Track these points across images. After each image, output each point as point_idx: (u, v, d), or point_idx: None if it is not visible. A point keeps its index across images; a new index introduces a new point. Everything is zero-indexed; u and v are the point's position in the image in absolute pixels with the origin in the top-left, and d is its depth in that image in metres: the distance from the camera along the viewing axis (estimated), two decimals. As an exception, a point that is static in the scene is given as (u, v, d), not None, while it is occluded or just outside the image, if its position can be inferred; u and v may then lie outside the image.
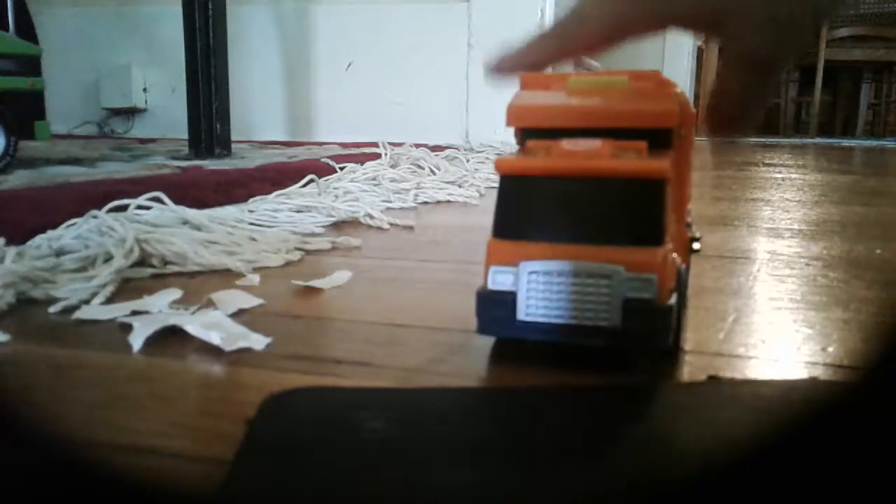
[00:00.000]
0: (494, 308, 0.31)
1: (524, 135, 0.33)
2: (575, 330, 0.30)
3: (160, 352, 0.33)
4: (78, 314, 0.39)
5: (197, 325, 0.35)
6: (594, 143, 0.30)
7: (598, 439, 0.24)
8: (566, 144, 0.30)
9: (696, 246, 0.39)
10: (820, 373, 0.31)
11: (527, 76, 0.33)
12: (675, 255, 0.31)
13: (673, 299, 0.30)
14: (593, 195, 0.30)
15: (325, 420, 0.26)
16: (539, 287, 0.30)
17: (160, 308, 0.39)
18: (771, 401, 0.28)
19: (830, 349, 0.34)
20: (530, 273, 0.30)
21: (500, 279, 0.31)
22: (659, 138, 0.30)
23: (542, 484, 0.21)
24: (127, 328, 0.36)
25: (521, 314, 0.30)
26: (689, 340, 0.35)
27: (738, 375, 0.31)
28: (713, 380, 0.30)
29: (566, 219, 0.30)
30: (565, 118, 0.31)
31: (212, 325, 0.35)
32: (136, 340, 0.34)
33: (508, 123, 0.32)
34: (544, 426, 0.26)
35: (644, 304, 0.29)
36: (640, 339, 0.29)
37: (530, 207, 0.31)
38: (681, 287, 0.32)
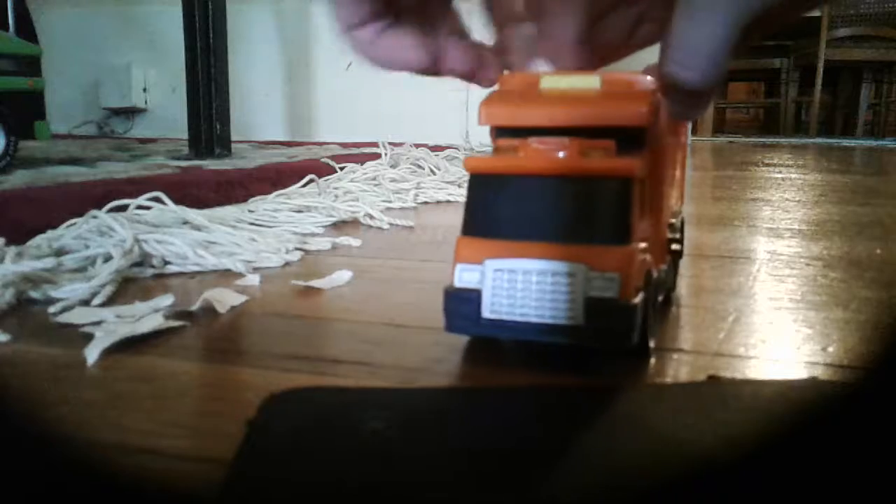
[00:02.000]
0: (460, 305, 0.31)
1: (497, 133, 0.33)
2: (539, 328, 0.30)
3: (160, 352, 0.33)
4: (59, 318, 0.38)
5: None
6: (562, 142, 0.30)
7: (598, 439, 0.24)
8: (534, 143, 0.30)
9: (674, 247, 0.38)
10: (820, 373, 0.31)
11: (504, 75, 0.33)
12: (645, 255, 0.31)
13: (639, 298, 0.30)
14: (559, 193, 0.30)
15: (325, 420, 0.26)
16: (504, 285, 0.30)
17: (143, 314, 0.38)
18: (771, 401, 0.28)
19: (830, 349, 0.34)
20: (495, 271, 0.30)
21: (466, 277, 0.31)
22: (632, 138, 0.30)
23: (542, 483, 0.21)
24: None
25: (486, 312, 0.30)
26: (689, 340, 0.35)
27: (738, 375, 0.31)
28: (713, 380, 0.30)
29: (532, 217, 0.30)
30: (535, 117, 0.31)
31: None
32: (92, 353, 0.32)
33: (480, 122, 0.32)
34: (544, 426, 0.26)
35: (607, 303, 0.29)
36: (603, 337, 0.29)
37: (497, 205, 0.31)
38: (649, 287, 0.32)
